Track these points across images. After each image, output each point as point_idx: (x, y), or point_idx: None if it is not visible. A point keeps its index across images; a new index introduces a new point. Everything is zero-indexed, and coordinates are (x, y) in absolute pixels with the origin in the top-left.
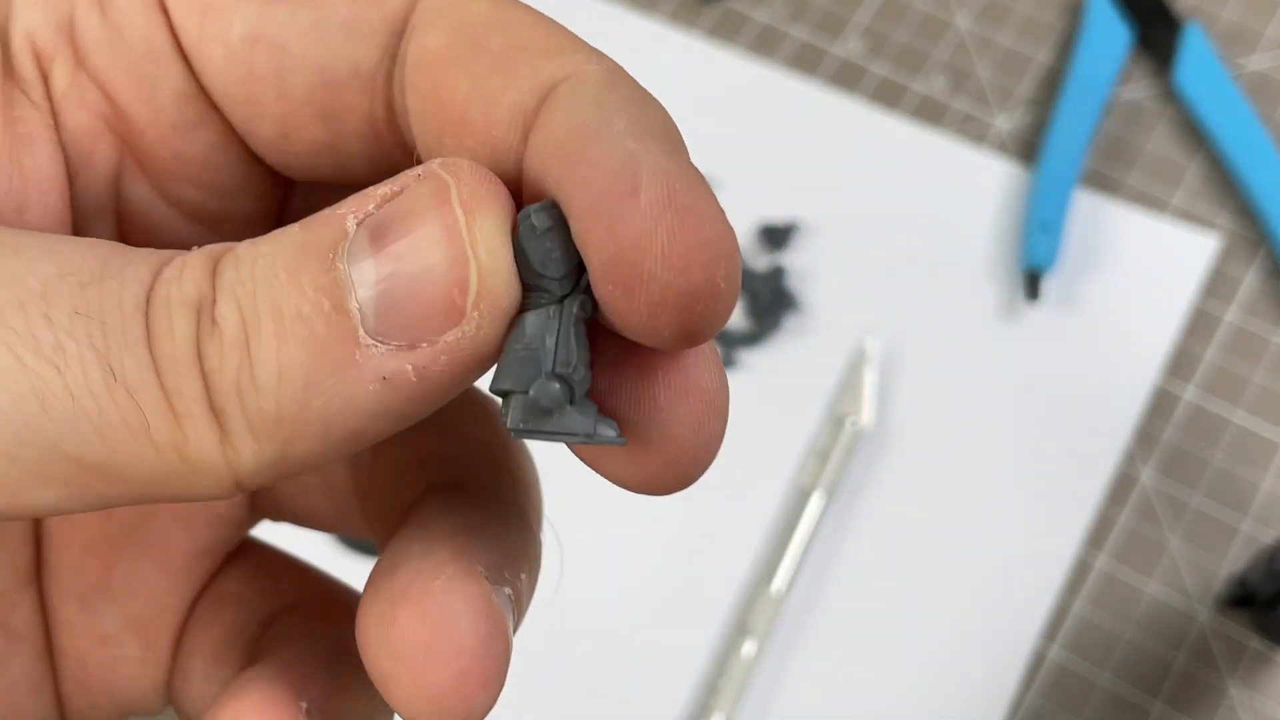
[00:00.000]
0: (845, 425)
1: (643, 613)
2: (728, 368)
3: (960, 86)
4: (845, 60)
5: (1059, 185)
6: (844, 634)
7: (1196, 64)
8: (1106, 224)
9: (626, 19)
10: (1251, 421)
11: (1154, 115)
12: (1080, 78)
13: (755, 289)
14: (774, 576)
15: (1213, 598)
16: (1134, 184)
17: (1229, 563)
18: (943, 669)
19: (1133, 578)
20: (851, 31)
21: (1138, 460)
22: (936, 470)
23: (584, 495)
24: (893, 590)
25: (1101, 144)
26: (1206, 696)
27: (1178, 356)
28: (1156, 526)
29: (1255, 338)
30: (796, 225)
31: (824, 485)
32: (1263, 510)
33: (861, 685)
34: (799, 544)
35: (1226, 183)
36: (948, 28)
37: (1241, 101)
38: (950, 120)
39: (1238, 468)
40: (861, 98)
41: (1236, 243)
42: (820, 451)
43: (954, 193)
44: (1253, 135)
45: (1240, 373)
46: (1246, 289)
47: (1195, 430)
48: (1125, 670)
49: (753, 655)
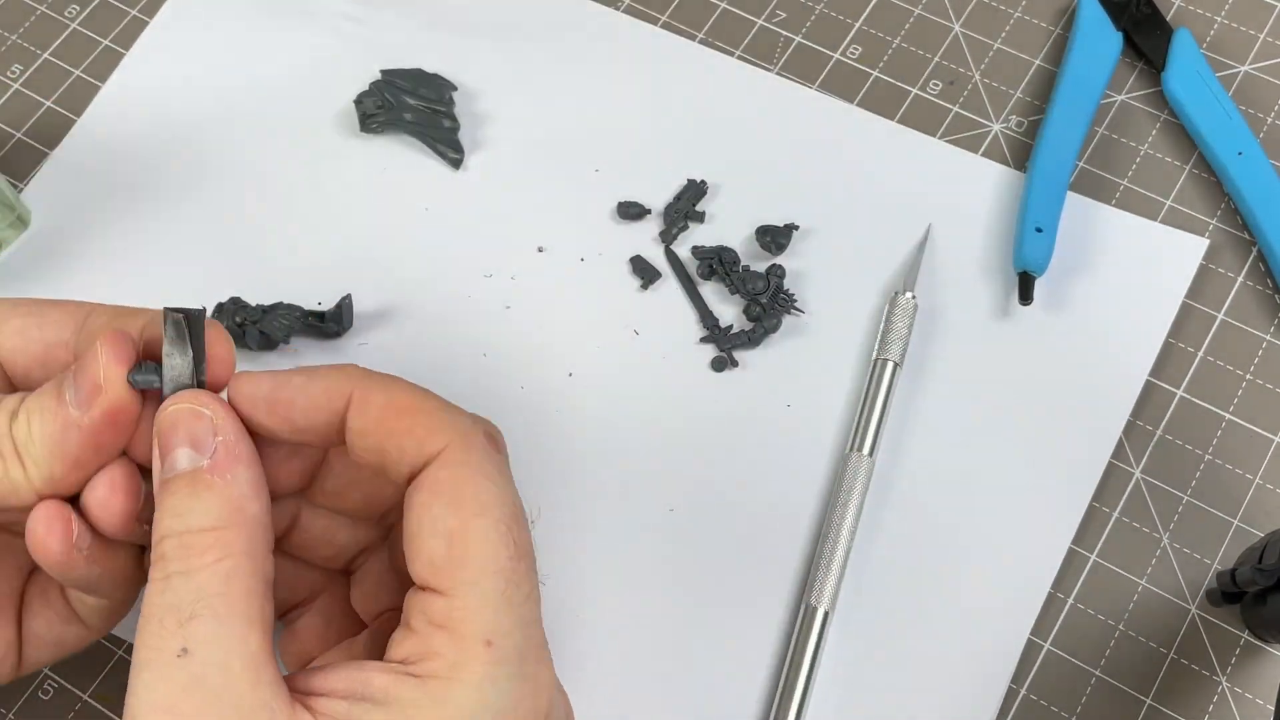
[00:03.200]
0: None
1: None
2: (728, 368)
3: (955, 91)
4: (841, 65)
5: (1052, 189)
6: (835, 633)
7: (1187, 69)
8: (1098, 227)
9: (622, 23)
10: (1241, 420)
11: (1145, 120)
12: (1072, 83)
13: (755, 289)
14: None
15: (1203, 593)
16: (1125, 187)
17: (1219, 559)
18: (934, 664)
19: (1124, 573)
20: (848, 36)
21: (1129, 458)
22: (930, 469)
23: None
24: (886, 587)
25: (1093, 148)
26: (1198, 690)
27: (1168, 356)
28: (1148, 523)
29: (1245, 338)
30: (795, 226)
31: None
32: (1252, 507)
33: (855, 683)
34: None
35: (1216, 186)
36: (943, 33)
37: (1232, 106)
38: (945, 124)
39: (1228, 465)
40: (857, 102)
41: (1226, 244)
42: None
43: (948, 196)
44: (1242, 139)
45: (1230, 372)
46: (1236, 290)
47: (1186, 428)
48: (1117, 664)
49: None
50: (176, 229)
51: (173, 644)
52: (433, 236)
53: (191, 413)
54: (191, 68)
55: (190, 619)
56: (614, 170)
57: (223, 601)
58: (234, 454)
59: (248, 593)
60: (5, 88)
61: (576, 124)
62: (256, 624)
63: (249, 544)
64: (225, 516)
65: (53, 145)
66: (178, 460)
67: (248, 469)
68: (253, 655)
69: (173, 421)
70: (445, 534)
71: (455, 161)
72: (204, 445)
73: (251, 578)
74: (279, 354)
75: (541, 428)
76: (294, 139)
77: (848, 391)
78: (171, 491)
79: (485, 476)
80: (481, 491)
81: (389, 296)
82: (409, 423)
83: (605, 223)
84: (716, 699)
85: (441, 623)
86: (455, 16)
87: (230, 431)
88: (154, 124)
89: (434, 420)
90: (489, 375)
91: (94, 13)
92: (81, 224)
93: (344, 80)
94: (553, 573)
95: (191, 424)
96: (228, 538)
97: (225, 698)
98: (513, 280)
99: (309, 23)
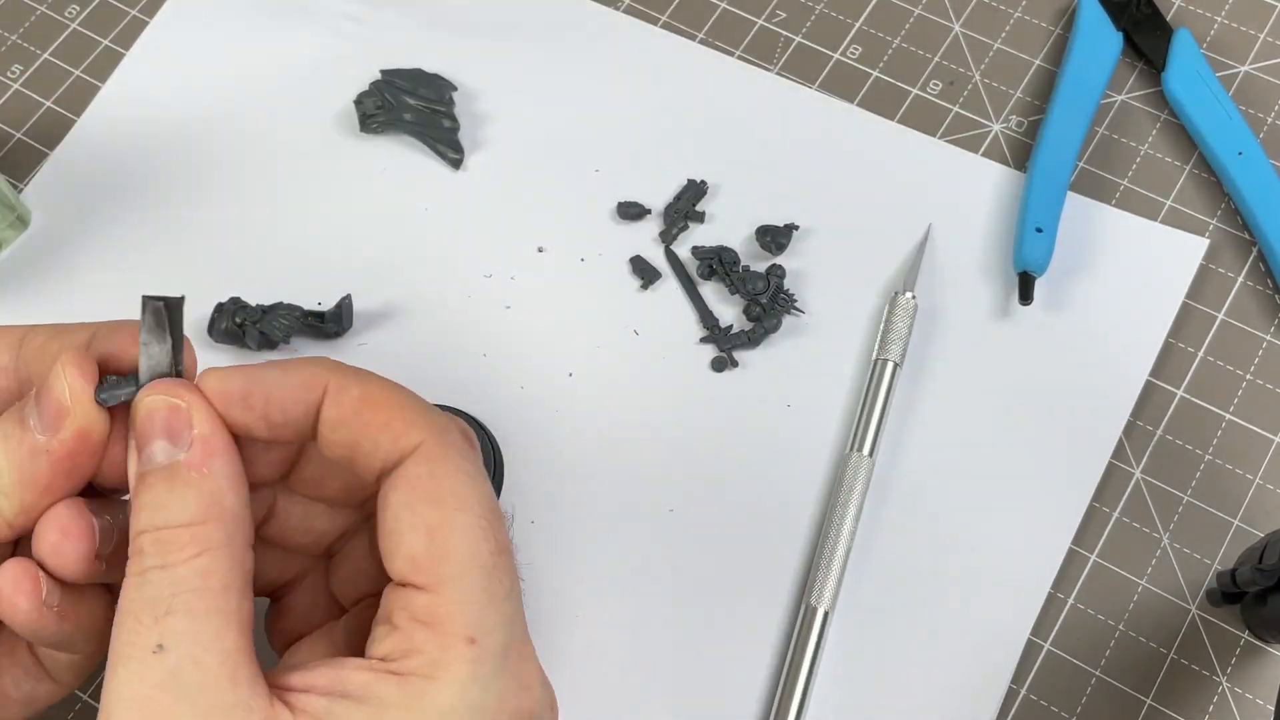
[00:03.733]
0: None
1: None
2: (728, 368)
3: (955, 91)
4: (841, 65)
5: (1052, 189)
6: (835, 633)
7: (1187, 69)
8: (1098, 227)
9: (622, 23)
10: (1241, 420)
11: (1145, 119)
12: (1072, 83)
13: (755, 289)
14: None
15: (1204, 593)
16: (1125, 187)
17: (1219, 559)
18: (935, 664)
19: (1125, 573)
20: (848, 36)
21: (1129, 458)
22: (930, 469)
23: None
24: (886, 587)
25: (1093, 148)
26: (1198, 690)
27: (1168, 356)
28: (1148, 523)
29: (1245, 338)
30: (795, 226)
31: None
32: (1252, 507)
33: (855, 683)
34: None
35: (1216, 186)
36: (943, 33)
37: (1232, 106)
38: (945, 124)
39: (1228, 465)
40: (857, 102)
41: (1226, 244)
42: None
43: (948, 196)
44: (1242, 139)
45: (1230, 372)
46: (1236, 290)
47: (1186, 429)
48: (1117, 664)
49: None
50: (176, 229)
51: (149, 639)
52: (433, 236)
53: (168, 405)
54: (191, 68)
55: (166, 614)
56: (614, 170)
57: (199, 597)
58: (211, 446)
59: (225, 588)
60: (5, 88)
61: (576, 124)
62: (234, 619)
63: (227, 538)
64: (203, 511)
65: (52, 145)
66: (154, 454)
67: (225, 462)
68: (230, 652)
69: (149, 413)
70: (426, 529)
71: (455, 161)
72: (181, 437)
73: (229, 573)
74: (279, 354)
75: (541, 428)
76: (294, 139)
77: (848, 391)
78: (149, 486)
79: (463, 472)
80: (460, 487)
81: (389, 296)
82: (385, 416)
83: (605, 223)
84: (716, 699)
85: (424, 619)
86: (455, 16)
87: (207, 423)
88: (154, 124)
89: (410, 415)
90: (489, 375)
91: (94, 13)
92: (81, 224)
93: (344, 80)
94: (553, 572)
95: (168, 416)
96: (205, 532)
97: (201, 694)
98: (513, 280)
99: (309, 23)
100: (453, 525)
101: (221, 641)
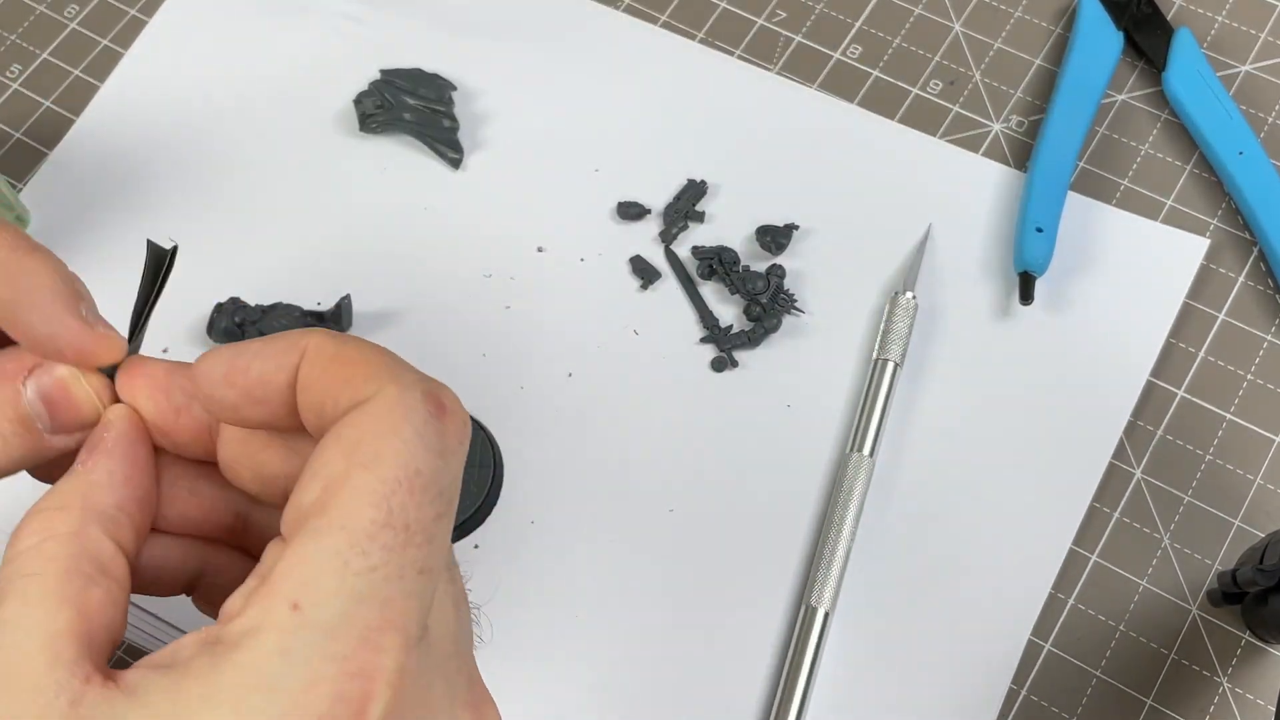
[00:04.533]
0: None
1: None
2: (728, 368)
3: (955, 91)
4: (841, 64)
5: (1052, 188)
6: (835, 633)
7: (1188, 69)
8: (1098, 226)
9: (622, 23)
10: (1242, 420)
11: (1146, 119)
12: (1073, 82)
13: (755, 289)
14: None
15: (1204, 593)
16: (1126, 187)
17: (1220, 559)
18: (935, 665)
19: (1125, 573)
20: (848, 36)
21: (1130, 458)
22: (930, 469)
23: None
24: (886, 587)
25: (1094, 147)
26: (1198, 690)
27: (1169, 356)
28: (1149, 523)
29: (1245, 338)
30: (795, 226)
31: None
32: (1253, 507)
33: (855, 683)
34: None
35: (1217, 186)
36: (943, 33)
37: (1232, 105)
38: (945, 124)
39: (1228, 465)
40: (857, 102)
41: (1227, 244)
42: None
43: (949, 196)
44: (1243, 139)
45: (1231, 372)
46: (1237, 290)
47: (1187, 429)
48: (1117, 664)
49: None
50: (176, 229)
51: None
52: (433, 236)
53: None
54: (191, 68)
55: (2, 599)
56: (614, 170)
57: (35, 582)
58: (97, 446)
59: (66, 572)
60: (4, 88)
61: (576, 124)
62: (71, 604)
63: (79, 525)
64: (65, 501)
65: (52, 145)
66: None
67: (111, 461)
68: (56, 635)
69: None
70: (324, 481)
71: (455, 161)
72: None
73: (77, 559)
74: None
75: (541, 428)
76: (294, 138)
77: (848, 391)
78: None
79: (395, 432)
80: (384, 446)
81: (388, 296)
82: (349, 371)
83: (605, 223)
84: (716, 699)
85: (263, 574)
86: (455, 16)
87: (115, 426)
88: (153, 124)
89: (373, 369)
90: (489, 375)
91: (93, 12)
92: (80, 224)
93: (344, 80)
94: (552, 572)
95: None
96: (55, 519)
97: (15, 678)
98: (513, 280)
99: (309, 22)
100: (345, 481)
101: (46, 626)
